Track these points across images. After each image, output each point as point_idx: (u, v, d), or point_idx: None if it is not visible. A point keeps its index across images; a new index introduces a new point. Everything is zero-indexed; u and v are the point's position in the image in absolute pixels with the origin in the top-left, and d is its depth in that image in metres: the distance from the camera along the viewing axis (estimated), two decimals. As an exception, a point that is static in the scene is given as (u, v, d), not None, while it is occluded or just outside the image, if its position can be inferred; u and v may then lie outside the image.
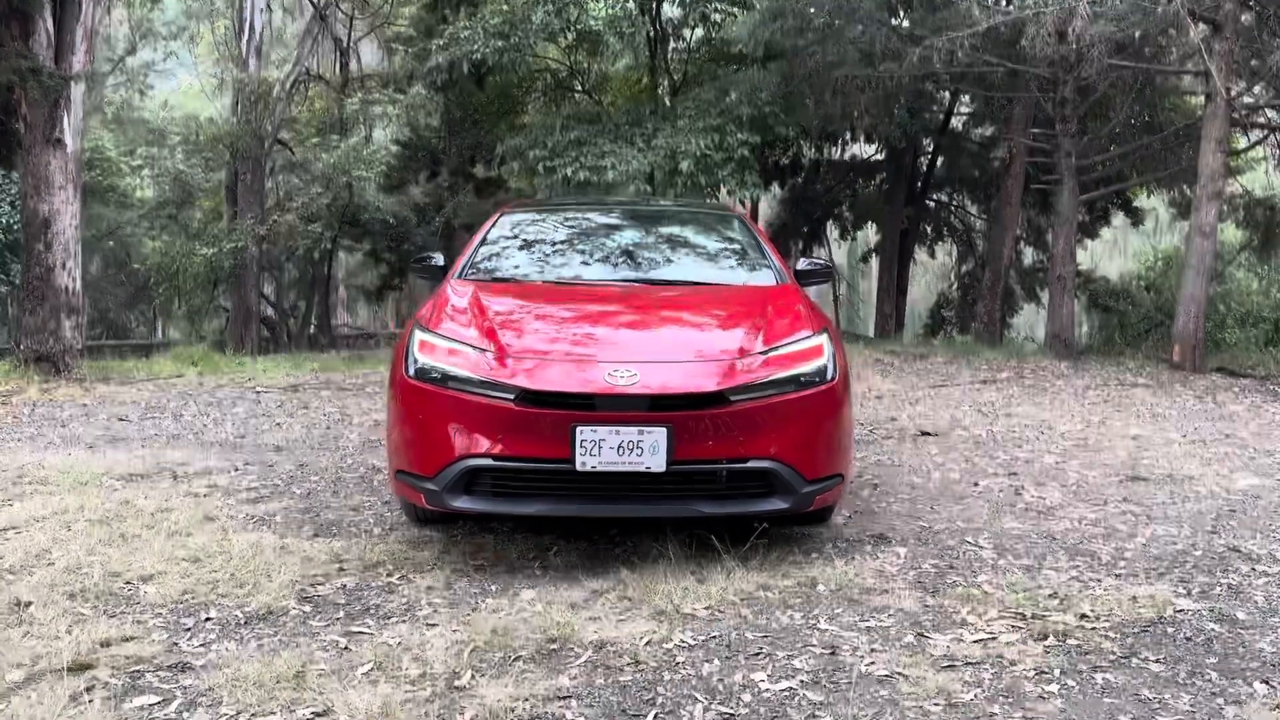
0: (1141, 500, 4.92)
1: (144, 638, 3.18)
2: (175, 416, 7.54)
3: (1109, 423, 7.38)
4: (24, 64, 9.76)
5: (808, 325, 4.20)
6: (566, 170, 13.16)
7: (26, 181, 10.82)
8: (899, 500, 4.93)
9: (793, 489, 3.79)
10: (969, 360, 12.53)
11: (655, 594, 3.52)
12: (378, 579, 3.76)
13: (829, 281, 5.76)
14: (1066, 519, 4.57)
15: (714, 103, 13.94)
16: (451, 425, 3.78)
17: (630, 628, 3.23)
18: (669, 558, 3.87)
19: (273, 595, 3.55)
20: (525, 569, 3.89)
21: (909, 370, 11.24)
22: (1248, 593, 3.54)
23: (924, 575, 3.77)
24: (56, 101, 10.58)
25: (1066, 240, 13.71)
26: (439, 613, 3.41)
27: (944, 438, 6.73)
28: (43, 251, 10.79)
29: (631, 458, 3.62)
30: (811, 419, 3.89)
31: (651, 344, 3.99)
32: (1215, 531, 4.36)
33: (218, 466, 5.67)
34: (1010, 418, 7.68)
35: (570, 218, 5.65)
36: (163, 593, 3.56)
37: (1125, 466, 5.73)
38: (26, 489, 5.08)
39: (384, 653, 3.05)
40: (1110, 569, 3.83)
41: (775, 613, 3.38)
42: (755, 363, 3.88)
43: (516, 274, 4.85)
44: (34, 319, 10.86)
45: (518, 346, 3.91)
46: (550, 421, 3.65)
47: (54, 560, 3.89)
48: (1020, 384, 9.97)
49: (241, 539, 4.20)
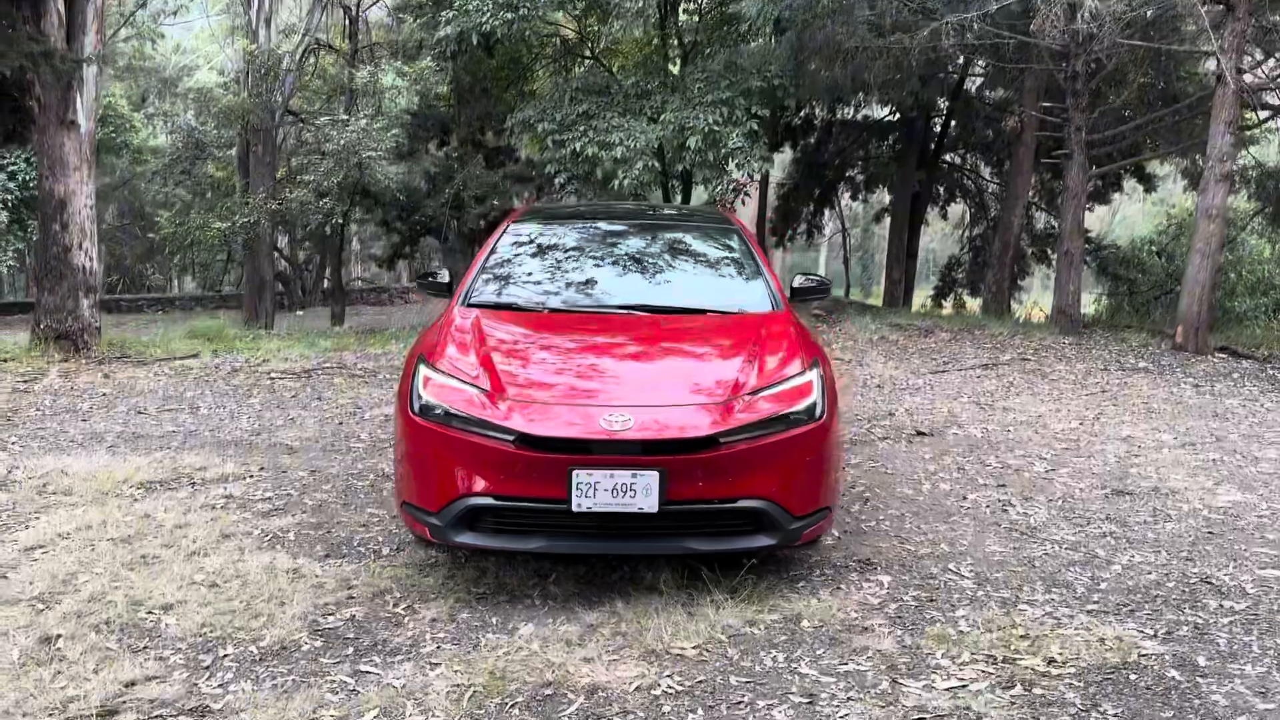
0: (1124, 519, 5.08)
1: (166, 677, 3.39)
2: (192, 409, 7.75)
3: (1103, 420, 7.52)
4: (36, 48, 9.85)
5: (799, 359, 4.34)
6: (575, 144, 13.21)
7: (41, 163, 10.96)
8: (888, 517, 5.10)
9: (781, 526, 3.96)
10: (973, 336, 12.64)
11: (647, 630, 3.72)
12: (385, 608, 3.97)
13: (826, 297, 5.87)
14: (1049, 541, 4.74)
15: (723, 75, 13.90)
16: (454, 463, 3.96)
17: (622, 670, 3.43)
18: (660, 590, 4.06)
19: (286, 628, 3.76)
20: (525, 598, 4.08)
21: (912, 350, 11.37)
22: (1211, 634, 3.71)
23: (905, 609, 3.95)
24: (69, 84, 10.68)
25: (1075, 215, 13.70)
26: (442, 649, 3.61)
27: (939, 438, 6.89)
28: (59, 231, 10.97)
29: (625, 499, 3.80)
30: (800, 457, 4.05)
31: (647, 386, 4.14)
32: (1190, 559, 4.52)
33: (234, 473, 5.88)
34: (1007, 412, 7.82)
35: (575, 230, 5.75)
36: (183, 625, 3.78)
37: (1113, 477, 5.89)
38: (51, 500, 5.30)
39: (389, 697, 3.26)
40: (1084, 603, 4.00)
41: (760, 653, 3.57)
42: (747, 404, 4.03)
43: (519, 300, 4.99)
44: (53, 298, 11.07)
45: (517, 387, 4.07)
46: (548, 464, 3.82)
47: (80, 587, 4.11)
48: (1021, 368, 10.08)
49: (256, 561, 4.41)
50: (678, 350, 4.48)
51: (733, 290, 5.16)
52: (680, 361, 4.39)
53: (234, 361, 10.07)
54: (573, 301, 4.97)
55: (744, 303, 4.99)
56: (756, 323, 4.71)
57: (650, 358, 4.39)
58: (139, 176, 27.41)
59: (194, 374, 9.39)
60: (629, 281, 5.16)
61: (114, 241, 32.13)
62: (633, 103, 13.87)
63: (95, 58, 10.92)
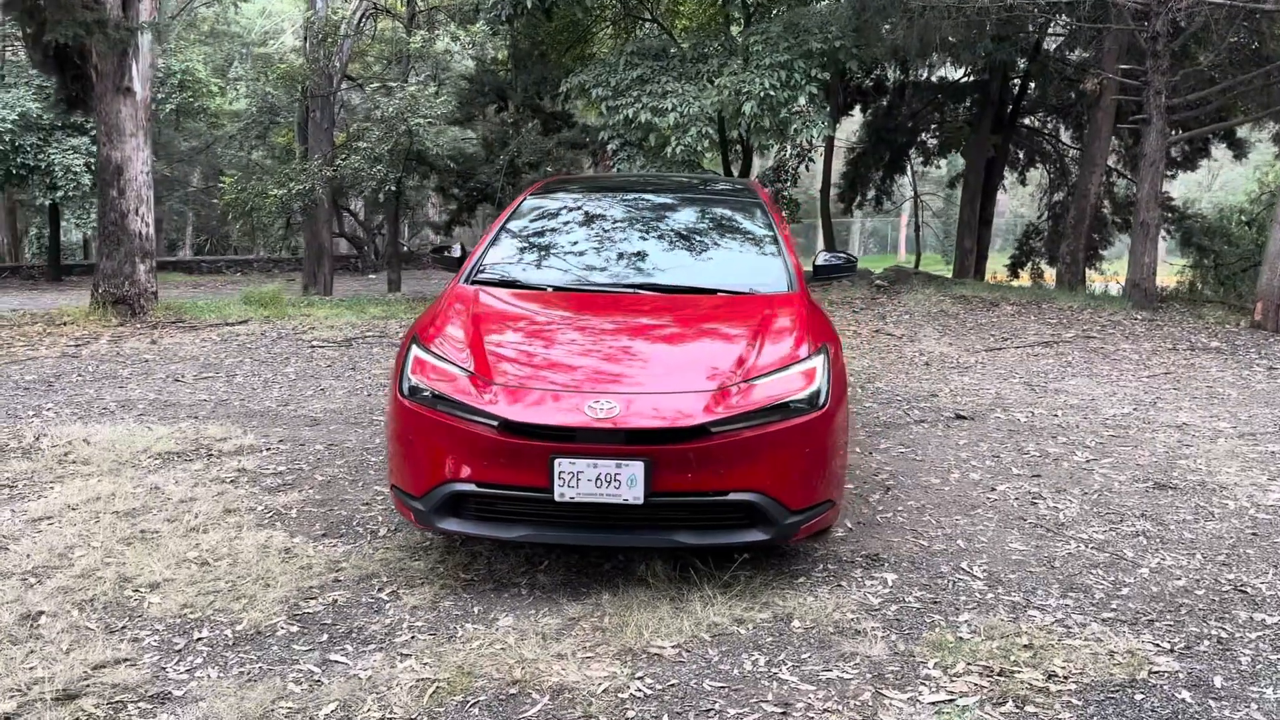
0: (1161, 516, 4.77)
1: (136, 660, 3.37)
2: (228, 377, 7.81)
3: (1159, 405, 7.11)
4: (89, 16, 9.96)
5: (805, 344, 4.13)
6: (628, 111, 12.95)
7: (99, 129, 11.14)
8: (906, 509, 4.87)
9: (775, 520, 3.78)
10: (1040, 310, 12.17)
11: (629, 625, 3.58)
12: (369, 593, 3.90)
13: (851, 275, 5.61)
14: (1075, 539, 4.47)
15: (783, 36, 13.47)
16: (439, 447, 3.86)
17: (594, 669, 3.30)
18: (648, 582, 3.91)
19: (265, 612, 3.71)
20: (512, 586, 3.98)
21: (970, 325, 10.97)
22: (1234, 651, 3.43)
23: (905, 611, 3.74)
24: (125, 51, 10.82)
25: (1152, 184, 13.03)
26: (416, 639, 3.53)
27: (980, 422, 6.59)
28: (116, 198, 11.16)
29: (609, 490, 3.65)
30: (798, 449, 3.85)
31: (638, 371, 3.97)
32: (1227, 563, 4.21)
33: (252, 444, 5.89)
34: (1058, 395, 7.46)
35: (591, 202, 5.59)
36: (165, 605, 3.75)
37: (1158, 469, 5.54)
38: (69, 470, 5.37)
39: (351, 689, 3.18)
40: (1100, 610, 3.74)
41: (742, 655, 3.40)
42: (743, 391, 3.83)
43: (522, 277, 4.85)
44: (110, 263, 11.30)
45: (504, 370, 3.94)
46: (530, 452, 3.69)
47: (74, 561, 4.13)
48: (1084, 346, 9.64)
49: (251, 539, 4.38)
50: (677, 333, 4.29)
51: (746, 269, 4.94)
52: (677, 345, 4.20)
53: (281, 329, 10.16)
54: (578, 280, 4.81)
55: (757, 282, 4.77)
56: (765, 304, 4.49)
57: (646, 341, 4.21)
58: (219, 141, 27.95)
59: (239, 341, 9.49)
60: (638, 259, 4.98)
61: (199, 204, 32.95)
62: (689, 67, 13.54)
63: (149, 26, 11.02)
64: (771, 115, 12.86)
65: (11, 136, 21.14)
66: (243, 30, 30.58)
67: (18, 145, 21.35)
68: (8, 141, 21.11)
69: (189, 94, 25.11)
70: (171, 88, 24.00)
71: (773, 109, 12.83)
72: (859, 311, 11.91)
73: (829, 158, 21.51)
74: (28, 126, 21.37)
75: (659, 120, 12.72)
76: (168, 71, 23.32)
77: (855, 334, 10.27)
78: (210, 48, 30.36)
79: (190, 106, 25.81)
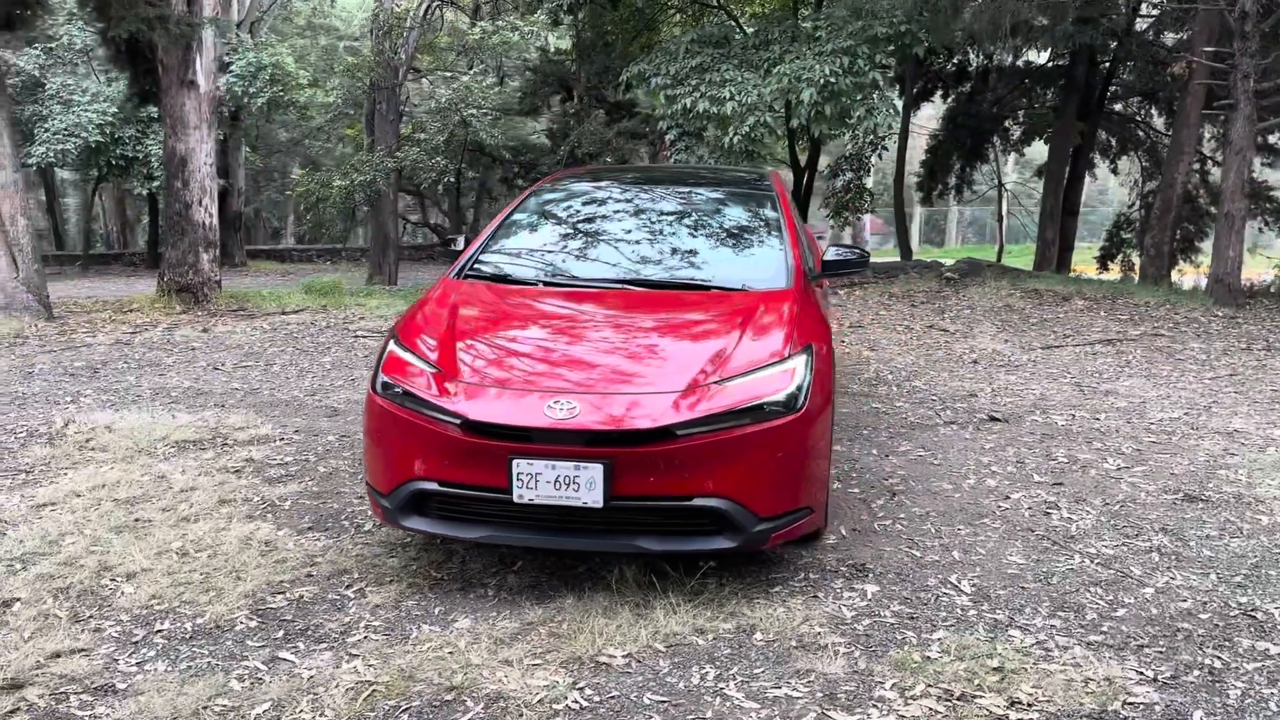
0: (1182, 531, 4.46)
1: (92, 651, 3.40)
2: (266, 366, 7.95)
3: (1214, 409, 6.70)
4: (151, 11, 10.23)
5: (790, 343, 3.96)
6: (686, 100, 12.80)
7: (165, 122, 11.46)
8: (909, 516, 4.66)
9: (742, 528, 3.64)
10: (1113, 305, 11.64)
11: (584, 632, 3.49)
12: (336, 590, 3.89)
13: (863, 270, 5.40)
14: (1081, 554, 4.21)
15: (847, 21, 13.14)
16: (405, 445, 3.81)
17: (536, 678, 3.21)
18: (613, 587, 3.81)
19: (230, 605, 3.72)
20: (480, 587, 3.92)
21: (1033, 321, 10.55)
22: (1225, 683, 3.17)
23: (878, 626, 3.56)
24: (188, 45, 11.09)
25: (1238, 173, 12.33)
26: (369, 639, 3.49)
27: (1014, 424, 6.30)
28: (180, 189, 11.47)
29: (568, 493, 3.56)
30: (771, 453, 3.69)
31: (607, 370, 3.85)
32: (1243, 585, 3.91)
33: (267, 435, 5.96)
34: (1108, 396, 7.10)
35: (598, 196, 5.50)
36: (136, 595, 3.80)
37: (1193, 479, 5.20)
38: (86, 456, 5.50)
39: (289, 690, 3.15)
40: (1088, 632, 3.51)
41: (693, 668, 3.28)
42: (712, 393, 3.70)
43: (513, 271, 4.78)
44: (175, 252, 11.63)
45: (471, 368, 3.87)
46: (489, 452, 3.62)
47: (63, 548, 4.21)
48: (1149, 345, 9.18)
49: (238, 531, 4.42)
50: (655, 331, 4.16)
51: (744, 264, 4.78)
52: (653, 344, 4.07)
53: (332, 318, 10.32)
54: (569, 275, 4.72)
55: (753, 278, 4.61)
56: (754, 301, 4.33)
57: (622, 339, 4.09)
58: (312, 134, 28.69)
59: (288, 330, 9.67)
60: (635, 254, 4.86)
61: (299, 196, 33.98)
62: (751, 54, 13.31)
63: (211, 21, 11.28)
64: (833, 103, 12.57)
65: (111, 129, 22.03)
66: (341, 23, 31.22)
67: (117, 138, 22.25)
68: (108, 134, 22.00)
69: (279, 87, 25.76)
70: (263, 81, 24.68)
71: (834, 96, 12.53)
72: (918, 306, 11.56)
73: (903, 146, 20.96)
74: (127, 120, 22.25)
75: (716, 109, 12.54)
76: (259, 65, 23.95)
77: (906, 329, 9.96)
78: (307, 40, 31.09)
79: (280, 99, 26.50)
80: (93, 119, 21.67)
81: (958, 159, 22.73)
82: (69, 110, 21.91)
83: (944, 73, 22.02)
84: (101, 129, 21.76)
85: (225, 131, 22.45)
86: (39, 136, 21.64)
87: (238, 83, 21.93)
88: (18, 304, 10.39)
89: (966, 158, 22.67)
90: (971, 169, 23.46)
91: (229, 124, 22.92)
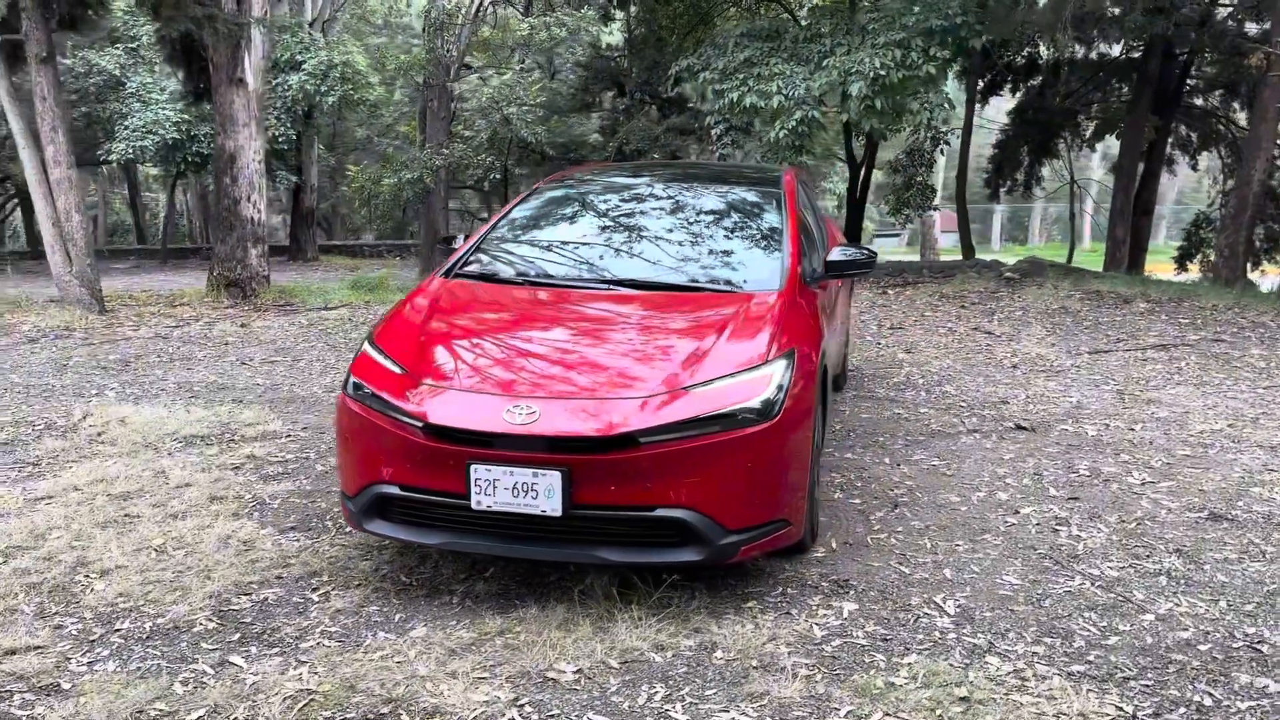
0: (1198, 553, 4.18)
1: (48, 648, 3.40)
2: (293, 362, 8.01)
3: (1262, 421, 6.32)
4: (200, 11, 10.40)
5: (772, 347, 3.80)
6: (733, 94, 12.59)
7: (215, 120, 11.66)
8: (906, 530, 4.45)
9: (709, 540, 3.49)
10: (1177, 308, 11.12)
11: (539, 644, 3.38)
12: (303, 592, 3.84)
13: (869, 272, 5.20)
14: (1083, 575, 3.96)
15: (901, 13, 12.78)
16: (370, 448, 3.75)
17: (478, 692, 3.11)
18: (575, 598, 3.69)
19: (194, 605, 3.70)
20: (447, 594, 3.83)
21: (1087, 323, 10.14)
22: (1212, 724, 2.93)
23: (847, 647, 3.39)
24: (237, 44, 11.25)
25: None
26: (322, 645, 3.43)
27: (1040, 434, 6.01)
28: (230, 185, 11.65)
29: (526, 500, 3.45)
30: (741, 463, 3.54)
31: (572, 374, 3.73)
32: (1254, 614, 3.63)
33: (274, 431, 5.98)
34: (1148, 406, 6.75)
35: (601, 194, 5.39)
36: (105, 593, 3.80)
37: (1223, 496, 4.89)
38: (94, 449, 5.57)
39: (229, 695, 3.10)
40: (1072, 661, 3.28)
41: (642, 687, 3.15)
42: (680, 399, 3.55)
43: (501, 271, 4.69)
44: (224, 247, 11.83)
45: (437, 370, 3.79)
46: (448, 456, 3.53)
47: (46, 542, 4.25)
48: (1206, 351, 8.73)
49: (220, 529, 4.41)
50: (633, 333, 4.03)
51: (739, 264, 4.62)
52: (628, 346, 3.93)
53: (371, 313, 10.38)
54: (556, 275, 4.60)
55: (746, 278, 4.46)
56: (740, 303, 4.17)
57: (594, 342, 3.97)
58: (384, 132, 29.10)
59: (325, 325, 9.74)
60: (628, 254, 4.73)
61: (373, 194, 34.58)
62: (801, 48, 13.04)
63: (261, 20, 11.43)
64: (884, 96, 12.23)
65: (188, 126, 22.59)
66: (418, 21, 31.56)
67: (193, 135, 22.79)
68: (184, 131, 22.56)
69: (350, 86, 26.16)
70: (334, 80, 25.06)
71: (886, 90, 12.20)
72: (968, 307, 11.20)
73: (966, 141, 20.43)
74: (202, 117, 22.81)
75: (763, 103, 12.32)
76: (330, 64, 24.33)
77: (949, 332, 9.65)
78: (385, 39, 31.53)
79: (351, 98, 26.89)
80: (170, 116, 22.22)
81: (1026, 154, 22.05)
82: (147, 108, 22.51)
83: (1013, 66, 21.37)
84: (178, 126, 22.29)
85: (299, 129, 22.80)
86: (119, 133, 22.27)
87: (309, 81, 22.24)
88: (71, 297, 10.67)
89: (1035, 153, 21.98)
90: (1040, 164, 22.74)
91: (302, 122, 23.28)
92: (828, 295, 5.15)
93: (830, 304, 5.26)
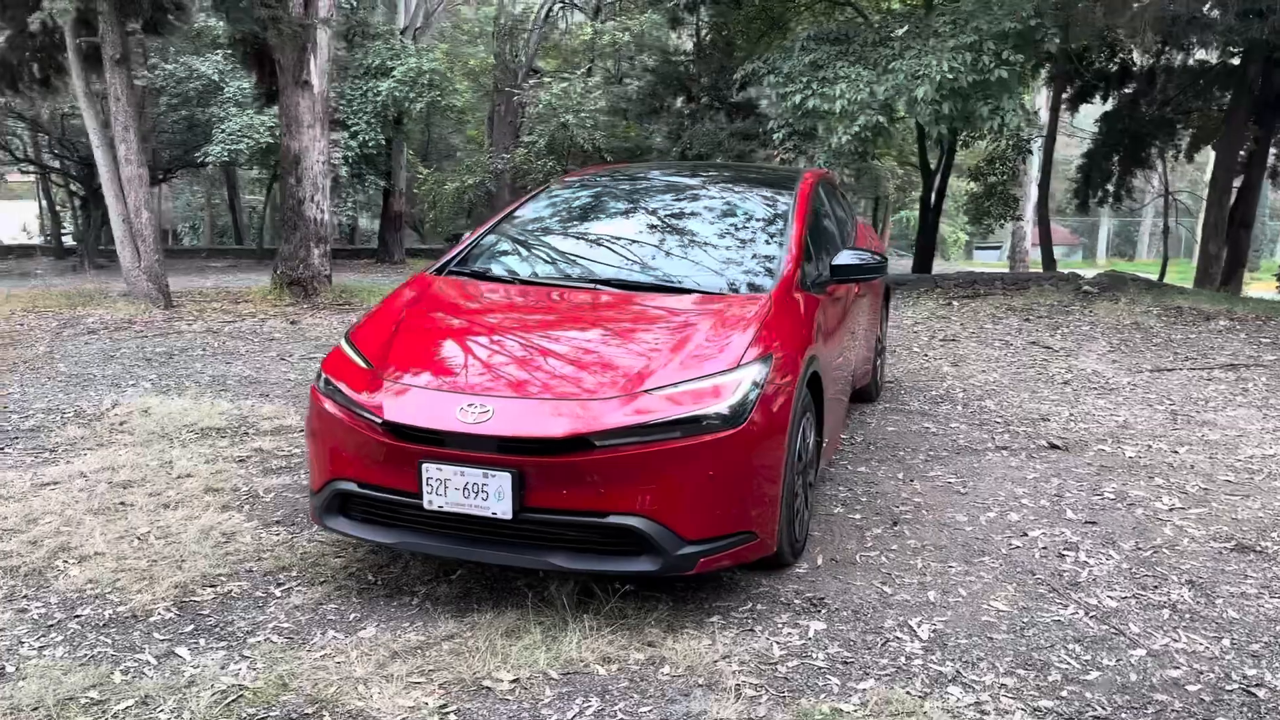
0: (1212, 586, 3.87)
1: (5, 631, 3.44)
2: (330, 358, 8.08)
3: (1323, 447, 5.88)
4: (265, 12, 10.64)
5: (750, 350, 3.65)
6: (796, 97, 12.37)
7: (281, 121, 11.91)
8: (901, 549, 4.23)
9: (664, 550, 3.35)
10: (1260, 327, 10.51)
11: (483, 650, 3.28)
12: (266, 587, 3.82)
13: (880, 276, 4.99)
14: (1076, 604, 3.70)
15: (974, 14, 12.37)
16: (333, 444, 3.72)
17: (408, 698, 3.02)
18: (528, 605, 3.59)
19: (157, 595, 3.71)
20: (408, 594, 3.77)
21: (1157, 340, 9.64)
22: (1180, 774, 2.67)
23: (804, 669, 3.21)
24: (303, 46, 11.47)
25: None
26: (269, 642, 3.40)
27: (1074, 453, 5.69)
28: (294, 185, 11.88)
29: (477, 501, 3.37)
30: (703, 470, 3.39)
31: (535, 374, 3.63)
32: (1259, 654, 3.33)
33: (288, 425, 6.02)
34: (1201, 427, 6.35)
35: (608, 193, 5.30)
36: (76, 579, 3.83)
37: (1256, 526, 4.53)
38: (112, 439, 5.68)
39: (160, 688, 3.08)
40: (1041, 696, 3.04)
41: (577, 700, 3.03)
42: (642, 402, 3.42)
43: (491, 268, 4.62)
44: (287, 246, 12.06)
45: (400, 367, 3.74)
46: (403, 454, 3.47)
47: (36, 527, 4.32)
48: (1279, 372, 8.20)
49: (206, 520, 4.43)
50: (607, 333, 3.91)
51: (734, 266, 4.46)
52: (599, 346, 3.81)
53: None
54: (544, 274, 4.52)
55: (739, 280, 4.30)
56: (724, 305, 4.02)
57: (567, 341, 3.86)
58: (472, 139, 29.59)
59: (372, 324, 9.83)
60: (623, 253, 4.61)
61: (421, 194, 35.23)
62: (869, 51, 12.74)
63: (327, 22, 11.64)
64: (953, 101, 11.86)
65: (271, 130, 23.25)
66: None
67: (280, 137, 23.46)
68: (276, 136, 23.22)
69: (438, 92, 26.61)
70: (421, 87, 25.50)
71: (955, 95, 11.82)
72: (1032, 320, 10.76)
73: (1049, 149, 19.73)
74: (290, 122, 23.47)
75: (826, 107, 12.06)
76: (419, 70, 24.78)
77: (1004, 345, 9.27)
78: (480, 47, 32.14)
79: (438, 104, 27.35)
80: (265, 120, 22.88)
81: (1116, 165, 21.19)
82: (243, 112, 23.22)
83: (1106, 73, 20.58)
84: (271, 131, 22.95)
85: (389, 134, 23.19)
86: (215, 136, 23.02)
87: (399, 88, 22.61)
88: (139, 291, 11.01)
89: (1125, 163, 21.10)
90: (1131, 175, 21.81)
91: (391, 127, 23.68)
92: (840, 301, 4.94)
93: (843, 310, 5.05)
